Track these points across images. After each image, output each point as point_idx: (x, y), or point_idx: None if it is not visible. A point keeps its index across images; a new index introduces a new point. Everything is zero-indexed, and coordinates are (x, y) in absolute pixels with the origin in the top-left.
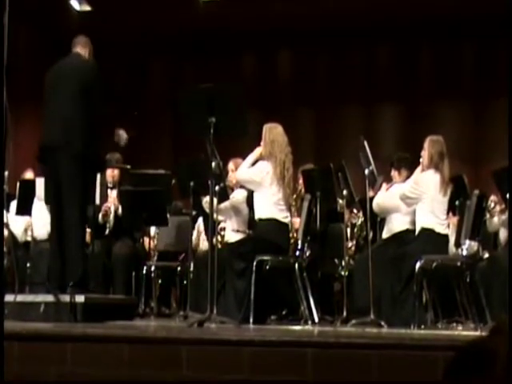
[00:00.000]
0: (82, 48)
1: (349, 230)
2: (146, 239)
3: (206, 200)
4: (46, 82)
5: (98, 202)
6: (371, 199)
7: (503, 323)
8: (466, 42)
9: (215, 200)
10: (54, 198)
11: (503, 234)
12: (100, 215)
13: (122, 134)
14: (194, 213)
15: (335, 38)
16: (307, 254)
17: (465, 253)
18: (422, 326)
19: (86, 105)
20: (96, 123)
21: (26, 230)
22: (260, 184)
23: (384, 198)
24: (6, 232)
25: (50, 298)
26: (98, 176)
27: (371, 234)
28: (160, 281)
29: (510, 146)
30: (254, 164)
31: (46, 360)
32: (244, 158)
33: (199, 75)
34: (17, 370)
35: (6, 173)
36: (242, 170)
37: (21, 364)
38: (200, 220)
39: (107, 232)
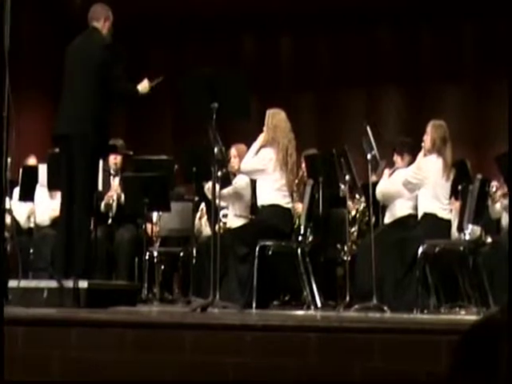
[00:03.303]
0: (101, 22)
1: (351, 215)
2: (149, 225)
3: (208, 186)
4: (65, 62)
5: (100, 188)
6: (374, 184)
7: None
8: (468, 24)
9: (218, 186)
10: (66, 184)
11: (506, 219)
12: (102, 204)
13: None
14: (196, 198)
15: (336, 22)
16: (310, 239)
17: (467, 237)
18: (425, 311)
19: (101, 89)
20: (110, 107)
21: (29, 217)
22: (263, 171)
23: (386, 185)
24: (9, 218)
25: (53, 283)
26: (101, 162)
27: (374, 219)
28: (163, 266)
29: (510, 132)
30: (258, 152)
31: (49, 345)
32: (246, 143)
33: (199, 60)
34: (21, 355)
35: (9, 159)
36: (247, 161)
37: (25, 349)
38: (203, 205)
39: (110, 221)
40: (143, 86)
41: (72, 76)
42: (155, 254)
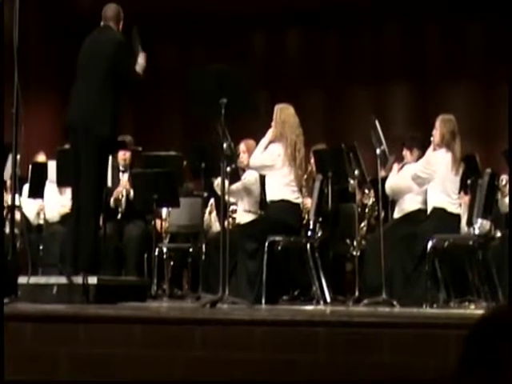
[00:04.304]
0: (113, 22)
1: (360, 210)
2: (158, 221)
3: (217, 182)
4: (78, 59)
5: (109, 184)
6: (383, 179)
7: None
8: (476, 20)
9: (227, 181)
10: (75, 179)
11: None
12: (112, 199)
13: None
14: (205, 194)
15: (343, 18)
16: (319, 234)
17: (477, 232)
18: (434, 305)
19: (111, 84)
20: (119, 103)
21: (38, 213)
22: (272, 167)
23: (396, 180)
24: (18, 215)
25: (62, 279)
26: (110, 158)
27: (383, 214)
28: (172, 262)
29: (510, 130)
30: (267, 147)
31: (58, 341)
32: (255, 138)
33: (208, 56)
34: (30, 351)
35: (18, 156)
36: (255, 157)
37: (34, 345)
38: (212, 200)
39: (119, 216)
40: (140, 64)
41: (84, 69)
42: (164, 249)
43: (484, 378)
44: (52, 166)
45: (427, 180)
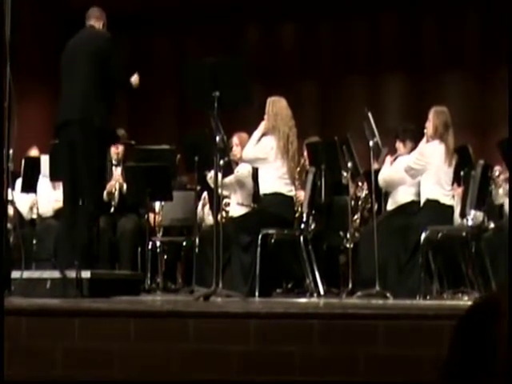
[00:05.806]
0: (96, 21)
1: (353, 202)
2: (151, 215)
3: (210, 175)
4: (62, 59)
5: None
6: (376, 171)
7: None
8: (471, 10)
9: (220, 174)
10: (69, 173)
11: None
12: (105, 193)
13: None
14: (198, 187)
15: (338, 9)
16: (312, 226)
17: (470, 223)
18: (428, 297)
19: (102, 78)
20: (113, 96)
21: (31, 208)
22: (265, 160)
23: (389, 172)
24: (11, 209)
25: (56, 274)
26: None
27: (376, 206)
28: (165, 256)
29: (510, 117)
30: (259, 140)
31: (53, 335)
32: (248, 131)
33: (202, 49)
34: (24, 346)
35: (11, 150)
36: (248, 150)
37: (29, 340)
38: (205, 193)
39: (112, 210)
40: (134, 79)
41: (73, 65)
42: (158, 243)
43: (474, 365)
44: (45, 160)
45: (420, 172)
